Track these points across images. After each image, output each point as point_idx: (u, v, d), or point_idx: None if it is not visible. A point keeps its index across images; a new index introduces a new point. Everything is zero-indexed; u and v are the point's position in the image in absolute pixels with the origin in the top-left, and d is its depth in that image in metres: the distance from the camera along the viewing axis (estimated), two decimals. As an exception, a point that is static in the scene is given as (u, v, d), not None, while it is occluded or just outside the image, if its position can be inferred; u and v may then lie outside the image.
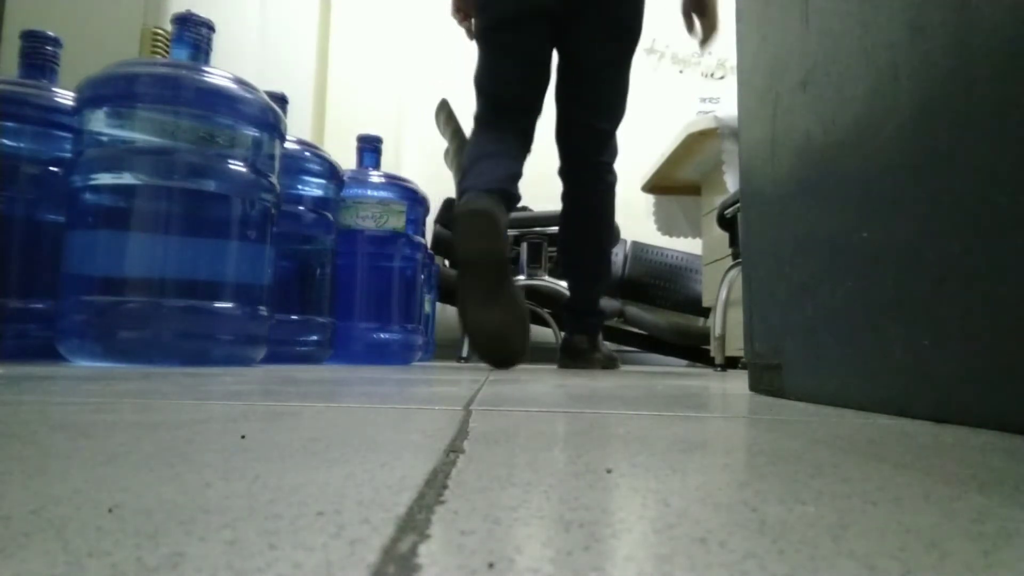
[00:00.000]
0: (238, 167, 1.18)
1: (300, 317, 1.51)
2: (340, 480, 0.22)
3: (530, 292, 2.30)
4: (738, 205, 1.54)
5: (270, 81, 1.55)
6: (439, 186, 2.50)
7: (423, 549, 0.15)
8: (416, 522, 0.17)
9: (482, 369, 1.40)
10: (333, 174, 1.61)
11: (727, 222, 1.72)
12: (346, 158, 1.76)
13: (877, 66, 0.55)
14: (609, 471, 0.25)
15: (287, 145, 1.41)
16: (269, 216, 1.25)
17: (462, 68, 1.95)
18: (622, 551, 0.16)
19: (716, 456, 0.31)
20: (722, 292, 1.77)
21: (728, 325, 1.77)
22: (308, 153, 1.57)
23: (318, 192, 1.59)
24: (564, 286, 1.70)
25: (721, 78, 3.22)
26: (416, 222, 1.80)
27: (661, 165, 2.28)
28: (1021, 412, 0.40)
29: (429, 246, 2.26)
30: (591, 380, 1.01)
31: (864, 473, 0.27)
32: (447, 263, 2.68)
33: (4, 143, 1.22)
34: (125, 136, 1.13)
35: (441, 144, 2.45)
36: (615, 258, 2.75)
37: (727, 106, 1.96)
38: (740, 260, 1.50)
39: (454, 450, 0.29)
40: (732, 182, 1.80)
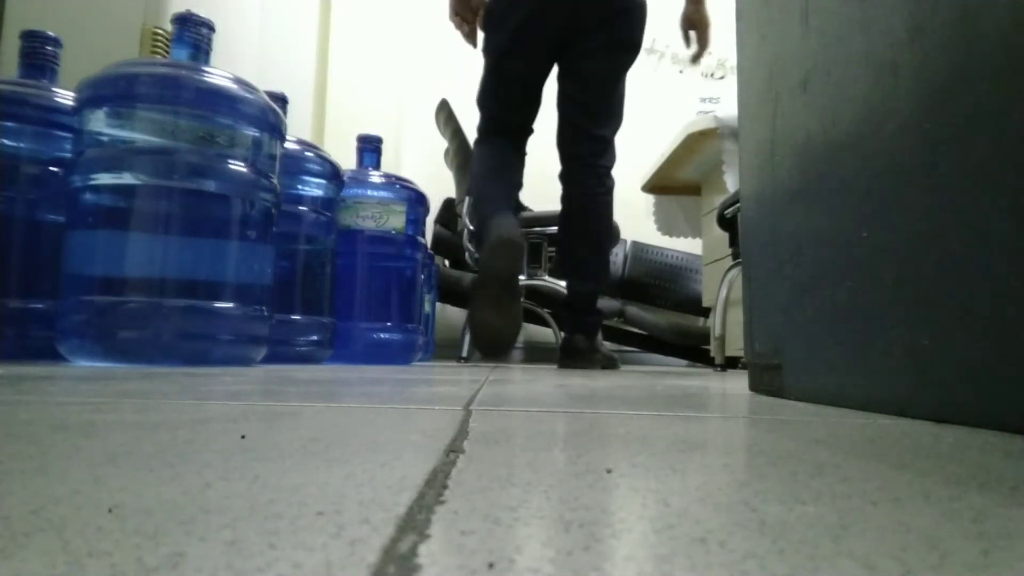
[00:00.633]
0: (238, 167, 1.18)
1: (300, 317, 1.51)
2: (340, 480, 0.22)
3: (530, 292, 2.30)
4: (738, 205, 1.54)
5: (270, 81, 1.55)
6: (439, 186, 2.50)
7: (423, 549, 0.15)
8: (416, 522, 0.17)
9: (482, 369, 1.40)
10: (333, 174, 1.61)
11: (727, 222, 1.72)
12: (346, 158, 1.76)
13: (877, 66, 0.55)
14: (609, 471, 0.25)
15: (287, 145, 1.41)
16: (269, 216, 1.25)
17: (462, 68, 1.95)
18: (622, 551, 0.16)
19: (716, 456, 0.31)
20: (722, 292, 1.77)
21: (728, 325, 1.77)
22: (308, 153, 1.57)
23: (318, 192, 1.59)
24: (564, 286, 1.71)
25: (721, 78, 3.22)
26: (416, 222, 1.80)
27: (661, 165, 2.28)
28: (1021, 412, 0.40)
29: (429, 246, 2.26)
30: (591, 380, 1.01)
31: (864, 473, 0.27)
32: (447, 263, 2.68)
33: (4, 143, 1.22)
34: (125, 136, 1.13)
35: (441, 144, 2.45)
36: (615, 258, 2.75)
37: (727, 106, 1.96)
38: (740, 260, 1.49)
39: (454, 450, 0.29)
40: (732, 182, 1.80)
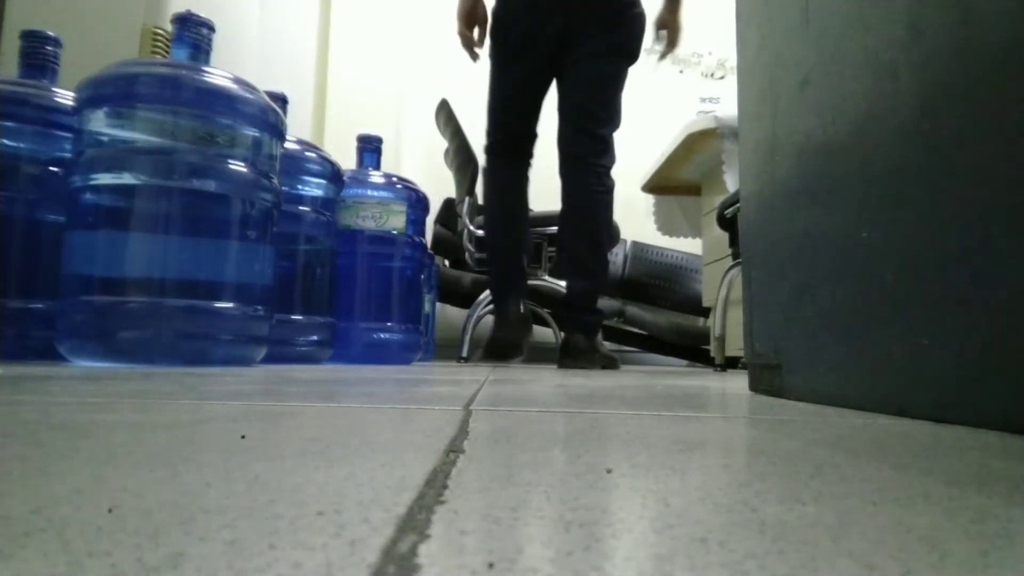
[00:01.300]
0: (238, 167, 1.18)
1: (300, 317, 1.51)
2: (340, 480, 0.22)
3: (530, 292, 2.30)
4: (738, 205, 1.53)
5: (270, 81, 1.55)
6: (439, 186, 2.50)
7: (423, 549, 0.15)
8: (416, 522, 0.17)
9: (482, 369, 1.40)
10: (333, 174, 1.61)
11: (727, 222, 1.72)
12: (346, 158, 1.76)
13: (877, 66, 0.55)
14: (609, 471, 0.25)
15: (287, 145, 1.41)
16: (269, 216, 1.25)
17: (462, 68, 1.94)
18: (622, 551, 0.16)
19: (716, 456, 0.31)
20: (722, 292, 1.77)
21: (728, 325, 1.77)
22: (308, 153, 1.57)
23: (318, 192, 1.59)
24: (564, 286, 1.71)
25: (721, 78, 3.21)
26: (416, 222, 1.80)
27: (661, 165, 2.28)
28: (1021, 412, 0.40)
29: (429, 246, 2.26)
30: (591, 380, 1.01)
31: (864, 473, 0.27)
32: (447, 263, 2.68)
33: (4, 143, 1.22)
34: (125, 136, 1.13)
35: (441, 144, 2.44)
36: (615, 258, 2.75)
37: (727, 106, 1.96)
38: (740, 260, 1.49)
39: (454, 450, 0.29)
40: (732, 182, 1.80)
